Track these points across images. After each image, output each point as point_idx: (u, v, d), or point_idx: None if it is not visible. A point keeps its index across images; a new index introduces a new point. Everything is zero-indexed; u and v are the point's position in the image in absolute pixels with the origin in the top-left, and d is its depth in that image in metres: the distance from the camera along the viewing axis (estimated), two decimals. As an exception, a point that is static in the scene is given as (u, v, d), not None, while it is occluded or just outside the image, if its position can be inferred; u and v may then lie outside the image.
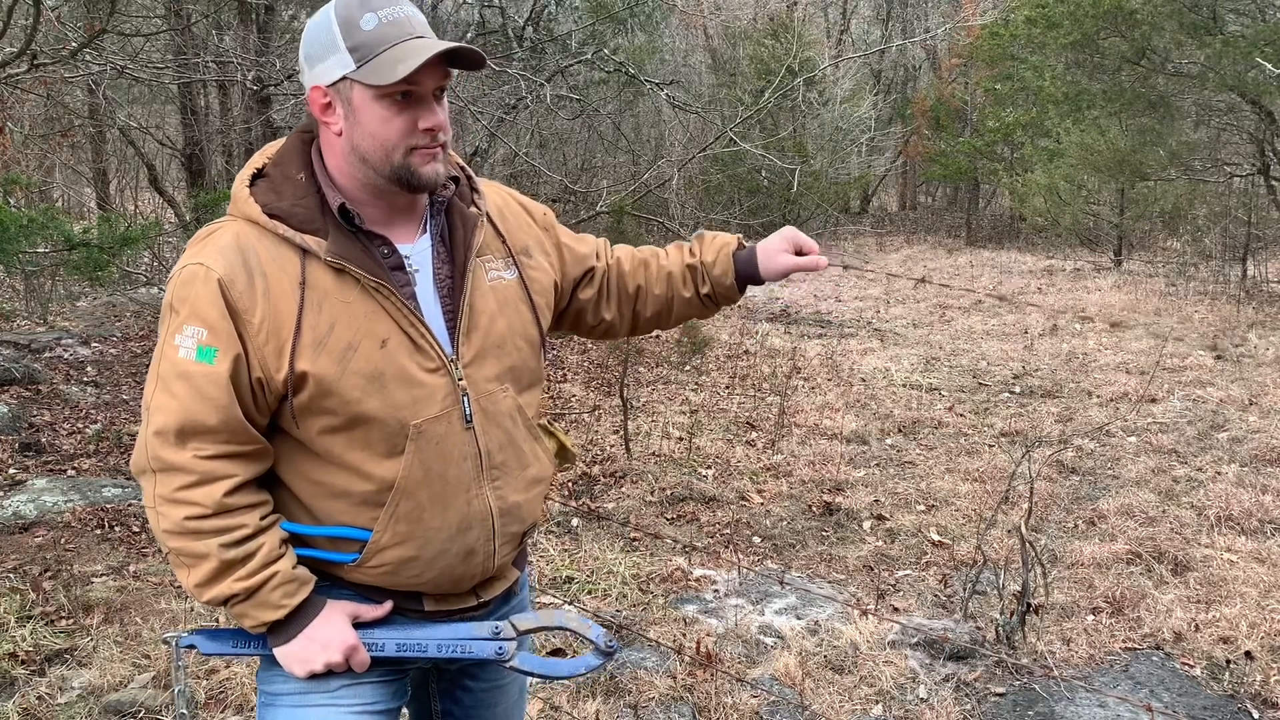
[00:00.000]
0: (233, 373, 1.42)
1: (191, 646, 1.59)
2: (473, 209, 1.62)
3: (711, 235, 1.87)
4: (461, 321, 1.54)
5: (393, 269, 1.51)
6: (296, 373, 1.43)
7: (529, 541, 1.79)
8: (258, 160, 1.56)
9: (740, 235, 1.86)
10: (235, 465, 1.45)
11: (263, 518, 1.48)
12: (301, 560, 1.53)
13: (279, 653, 1.51)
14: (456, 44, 1.45)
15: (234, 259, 1.44)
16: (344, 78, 1.45)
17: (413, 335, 1.49)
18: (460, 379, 1.53)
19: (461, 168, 1.66)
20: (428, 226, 1.58)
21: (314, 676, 1.52)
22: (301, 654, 1.50)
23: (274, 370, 1.43)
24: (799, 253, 1.80)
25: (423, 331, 1.50)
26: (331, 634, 1.51)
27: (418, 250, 1.56)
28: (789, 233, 1.80)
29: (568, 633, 1.66)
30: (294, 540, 1.53)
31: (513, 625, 1.60)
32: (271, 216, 1.47)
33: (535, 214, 1.76)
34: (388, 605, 1.56)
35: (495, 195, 1.72)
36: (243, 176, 1.53)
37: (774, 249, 1.79)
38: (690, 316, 1.91)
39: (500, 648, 1.58)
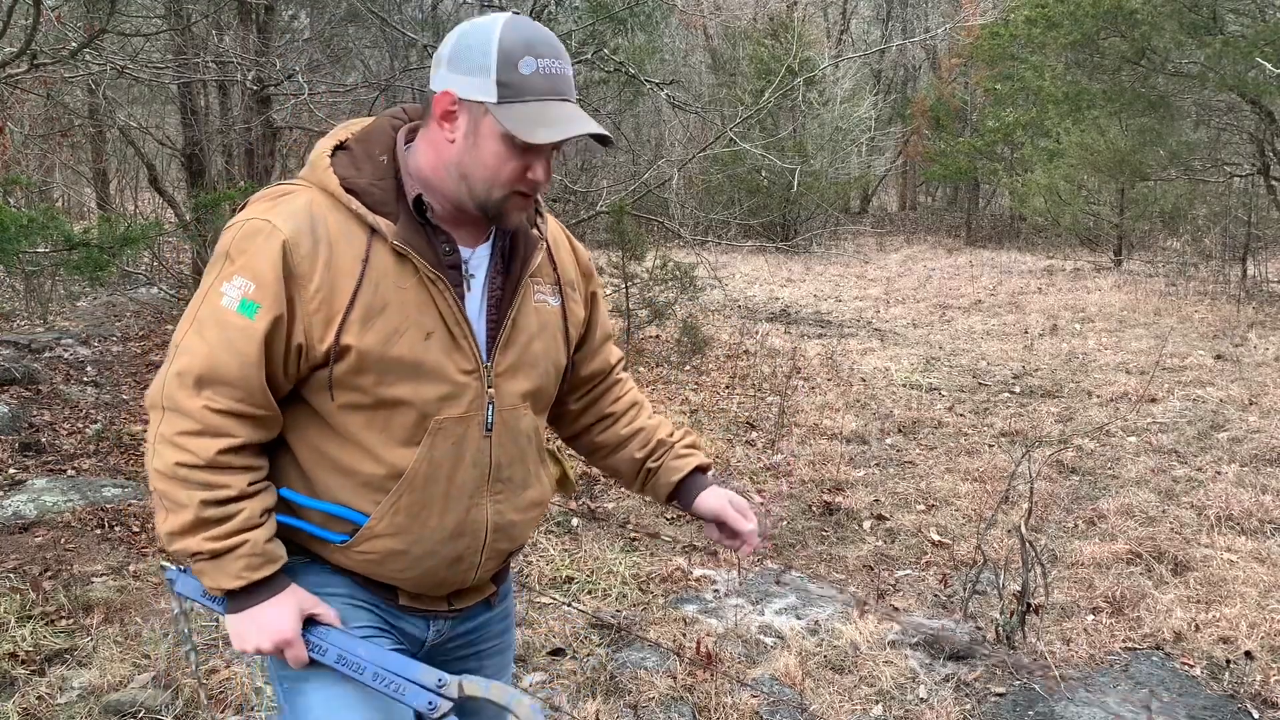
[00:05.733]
0: (269, 333, 1.42)
1: (172, 580, 1.59)
2: (535, 231, 1.63)
3: (693, 441, 1.85)
4: (503, 334, 1.55)
5: (450, 267, 1.52)
6: (340, 345, 1.44)
7: (513, 562, 1.78)
8: (341, 133, 1.56)
9: (715, 474, 1.81)
10: (241, 425, 1.44)
11: (251, 483, 1.46)
12: (289, 531, 1.52)
13: (226, 619, 1.50)
14: (602, 131, 1.47)
15: (303, 224, 1.44)
16: (481, 103, 1.45)
17: (455, 334, 1.51)
18: (490, 386, 1.54)
19: None
20: (492, 236, 1.59)
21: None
22: (239, 629, 1.49)
23: (318, 339, 1.44)
24: (734, 534, 1.77)
25: (466, 331, 1.51)
26: (272, 620, 1.47)
27: (477, 256, 1.57)
28: (735, 516, 1.75)
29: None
30: (286, 508, 1.52)
31: (460, 686, 1.51)
32: (348, 191, 1.47)
33: (581, 257, 1.77)
34: (334, 615, 1.53)
35: (554, 226, 1.73)
36: (325, 146, 1.53)
37: (718, 506, 1.75)
38: (618, 474, 1.86)
39: (432, 702, 1.49)
